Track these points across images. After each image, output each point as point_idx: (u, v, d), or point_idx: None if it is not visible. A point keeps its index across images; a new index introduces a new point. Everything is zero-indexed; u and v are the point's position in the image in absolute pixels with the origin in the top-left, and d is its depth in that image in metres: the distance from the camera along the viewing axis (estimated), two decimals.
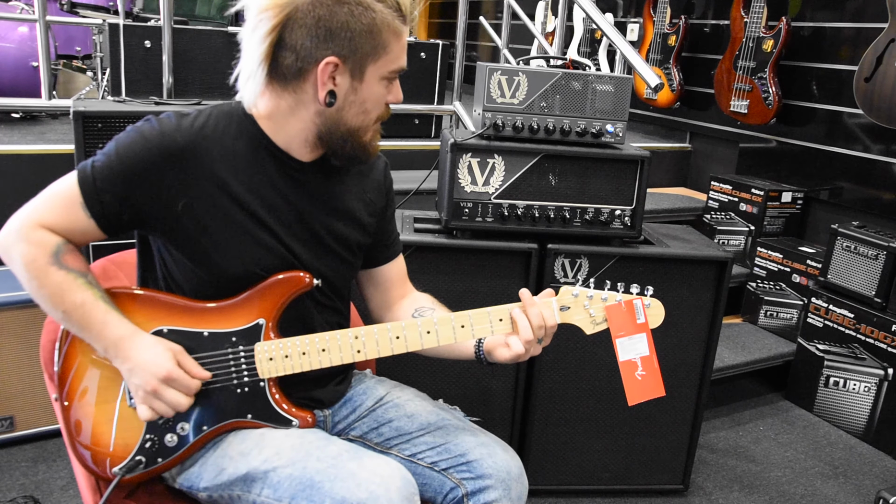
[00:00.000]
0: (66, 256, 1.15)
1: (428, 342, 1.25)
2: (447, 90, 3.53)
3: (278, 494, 1.13)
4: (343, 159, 1.24)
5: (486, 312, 1.26)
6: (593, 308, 1.29)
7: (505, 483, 1.24)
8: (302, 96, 1.16)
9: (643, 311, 1.30)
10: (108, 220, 1.16)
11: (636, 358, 1.30)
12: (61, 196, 1.16)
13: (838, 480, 2.40)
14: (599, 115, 1.93)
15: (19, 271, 1.16)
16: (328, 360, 1.24)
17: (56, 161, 2.46)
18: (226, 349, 1.21)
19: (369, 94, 1.18)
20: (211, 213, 1.17)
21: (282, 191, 1.23)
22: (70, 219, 1.15)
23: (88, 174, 1.15)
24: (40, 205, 1.16)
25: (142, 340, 1.16)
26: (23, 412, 2.14)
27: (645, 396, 1.31)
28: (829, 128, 3.08)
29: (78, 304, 1.14)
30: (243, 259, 1.20)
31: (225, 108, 1.22)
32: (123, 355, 1.15)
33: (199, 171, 1.16)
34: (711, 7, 3.67)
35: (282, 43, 1.12)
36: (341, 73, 1.14)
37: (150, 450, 1.20)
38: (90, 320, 1.14)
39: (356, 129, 1.20)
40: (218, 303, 1.22)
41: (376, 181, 1.39)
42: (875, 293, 2.63)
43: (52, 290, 1.14)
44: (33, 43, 3.33)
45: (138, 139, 1.15)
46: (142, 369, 1.14)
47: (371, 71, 1.16)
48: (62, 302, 1.14)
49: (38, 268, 1.14)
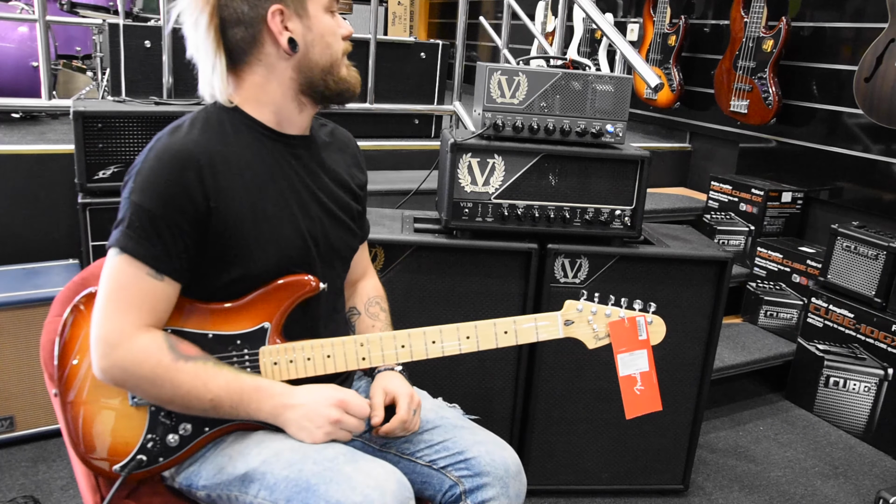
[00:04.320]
0: (181, 346, 1.13)
1: (433, 352, 1.28)
2: (447, 90, 3.53)
3: (274, 496, 1.13)
4: (331, 99, 1.26)
5: (492, 324, 1.29)
6: (597, 323, 1.32)
7: (503, 481, 1.25)
8: (267, 60, 1.19)
9: (645, 328, 1.34)
10: (181, 264, 1.13)
11: (636, 373, 1.35)
12: (122, 286, 1.11)
13: (838, 480, 2.40)
14: (599, 115, 1.93)
15: (147, 386, 1.11)
16: (333, 367, 1.24)
17: (56, 161, 2.46)
18: (230, 352, 1.21)
19: (322, 27, 1.21)
20: (238, 211, 1.17)
21: (288, 171, 1.24)
22: (149, 299, 1.11)
23: (131, 241, 1.10)
24: (112, 313, 1.10)
25: (299, 388, 1.18)
26: (23, 412, 2.15)
27: (642, 410, 1.35)
28: (829, 128, 3.08)
29: (223, 386, 1.13)
30: (278, 248, 1.21)
31: (208, 109, 1.23)
32: (292, 404, 1.15)
33: (216, 174, 1.15)
34: (711, 7, 3.67)
35: (224, 22, 1.16)
36: (290, 19, 1.17)
37: (151, 449, 1.20)
38: (242, 395, 1.14)
39: (329, 66, 1.23)
40: (223, 304, 1.21)
41: (353, 156, 1.43)
42: (875, 293, 2.63)
43: (192, 384, 1.12)
44: (33, 43, 3.32)
45: (152, 172, 1.12)
46: (317, 406, 1.15)
47: (311, 5, 1.19)
48: (207, 391, 1.12)
49: (167, 370, 1.10)
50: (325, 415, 1.15)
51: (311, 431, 1.15)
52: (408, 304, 1.96)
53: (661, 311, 1.37)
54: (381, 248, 1.92)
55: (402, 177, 2.63)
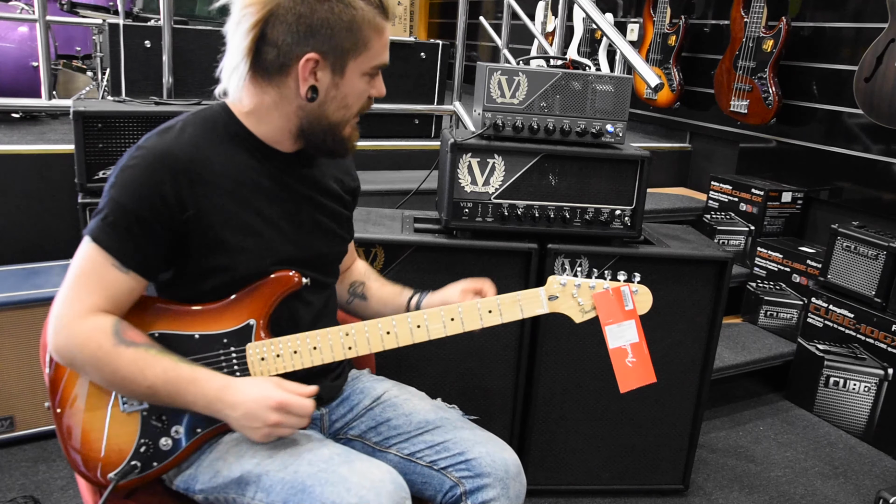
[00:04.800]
0: (127, 333, 1.13)
1: (419, 336, 1.28)
2: (447, 90, 3.53)
3: (270, 498, 1.13)
4: (321, 152, 1.27)
5: (475, 304, 1.30)
6: (581, 297, 1.31)
7: (503, 481, 1.25)
8: (284, 91, 1.18)
9: (631, 297, 1.31)
10: (148, 263, 1.14)
11: (626, 345, 1.31)
12: (89, 270, 1.13)
13: (838, 480, 2.40)
14: (599, 115, 1.93)
15: (90, 369, 1.12)
16: (320, 358, 1.24)
17: (56, 161, 2.46)
18: (217, 351, 1.21)
19: (351, 89, 1.19)
20: (220, 219, 1.17)
21: (276, 182, 1.24)
22: (110, 288, 1.13)
23: (105, 233, 1.12)
24: (73, 292, 1.13)
25: (241, 382, 1.15)
26: (23, 412, 2.15)
27: (636, 383, 1.31)
28: (829, 128, 3.08)
29: (160, 374, 1.12)
30: (260, 257, 1.21)
31: (204, 113, 1.23)
32: (230, 403, 1.13)
33: (200, 180, 1.16)
34: (711, 7, 3.67)
35: (264, 38, 1.14)
36: (322, 69, 1.16)
37: (144, 454, 1.19)
38: (179, 385, 1.13)
39: (336, 124, 1.22)
40: (208, 305, 1.21)
41: (344, 162, 1.42)
42: (875, 293, 2.63)
43: (129, 369, 1.11)
44: (33, 43, 3.32)
45: (134, 171, 1.13)
46: (256, 408, 1.12)
47: (352, 67, 1.17)
48: (144, 378, 1.11)
49: (107, 353, 1.11)
50: (264, 418, 1.12)
51: (251, 432, 1.14)
52: None
53: (661, 311, 1.36)
54: (381, 248, 1.92)
55: (402, 177, 2.63)
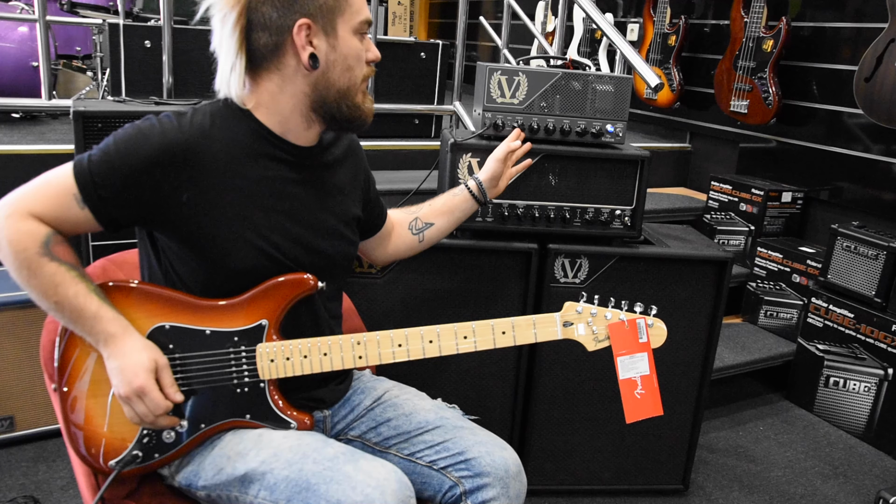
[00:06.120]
0: (57, 248, 1.14)
1: (430, 351, 1.27)
2: (447, 90, 3.53)
3: (274, 496, 1.13)
4: (341, 124, 1.26)
5: (489, 324, 1.28)
6: (596, 325, 1.31)
7: (503, 481, 1.25)
8: (285, 70, 1.18)
9: (646, 330, 1.31)
10: (108, 214, 1.16)
11: (636, 377, 1.32)
12: (55, 186, 1.15)
13: (838, 480, 2.40)
14: (599, 115, 1.93)
15: (8, 260, 1.14)
16: (329, 365, 1.24)
17: (56, 161, 2.40)
18: (227, 348, 1.21)
19: (348, 49, 1.20)
20: (217, 209, 1.17)
21: (286, 180, 1.24)
22: (62, 210, 1.14)
23: (85, 167, 1.14)
24: (31, 193, 1.15)
25: (132, 342, 1.16)
26: (23, 412, 2.15)
27: (643, 415, 1.32)
28: (829, 128, 3.08)
29: (70, 297, 1.13)
30: (253, 253, 1.20)
31: (220, 104, 1.23)
32: (111, 353, 1.15)
33: (202, 168, 1.16)
34: (711, 7, 3.67)
35: (251, 25, 1.15)
36: (316, 34, 1.17)
37: (147, 445, 1.20)
38: (82, 313, 1.14)
39: (345, 90, 1.22)
40: (221, 301, 1.22)
41: (359, 157, 1.44)
42: (875, 293, 2.63)
43: (43, 280, 1.12)
44: (33, 43, 3.32)
45: (139, 137, 1.15)
46: (123, 373, 1.14)
47: (341, 25, 1.19)
48: (55, 293, 1.13)
49: (29, 258, 1.12)
50: (128, 381, 1.13)
51: (117, 386, 1.15)
52: (408, 304, 1.96)
53: (661, 311, 1.35)
54: None
55: (402, 177, 2.62)
